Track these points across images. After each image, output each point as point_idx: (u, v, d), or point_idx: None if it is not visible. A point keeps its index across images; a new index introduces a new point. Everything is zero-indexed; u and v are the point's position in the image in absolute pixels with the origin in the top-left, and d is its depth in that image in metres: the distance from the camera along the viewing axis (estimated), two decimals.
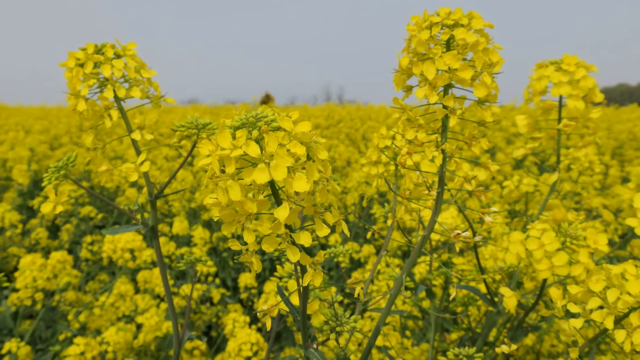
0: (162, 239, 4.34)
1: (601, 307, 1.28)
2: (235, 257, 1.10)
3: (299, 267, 1.10)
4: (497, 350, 1.52)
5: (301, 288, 1.17)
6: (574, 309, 1.32)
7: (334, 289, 2.00)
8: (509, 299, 1.64)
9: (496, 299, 1.94)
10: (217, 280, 4.51)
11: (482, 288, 2.19)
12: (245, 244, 1.01)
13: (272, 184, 1.00)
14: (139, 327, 3.58)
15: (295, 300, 1.34)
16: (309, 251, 1.07)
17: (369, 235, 1.87)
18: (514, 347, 1.50)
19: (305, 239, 1.01)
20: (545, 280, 1.65)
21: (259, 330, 3.83)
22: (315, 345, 1.30)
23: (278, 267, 1.88)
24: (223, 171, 0.93)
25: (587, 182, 2.42)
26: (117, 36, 1.57)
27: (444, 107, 1.33)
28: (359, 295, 1.38)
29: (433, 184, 1.43)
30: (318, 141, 1.01)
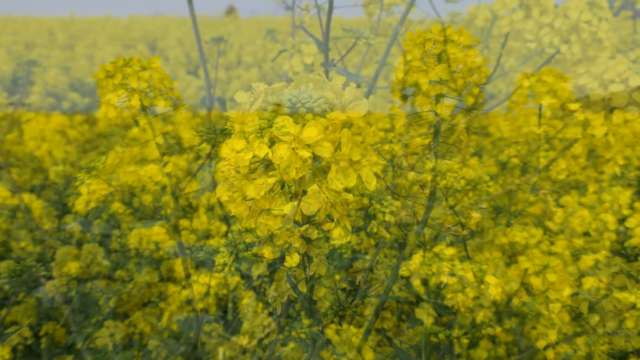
0: (183, 232, 4.34)
1: (577, 294, 1.28)
2: (249, 249, 1.11)
3: (306, 258, 1.11)
4: (484, 332, 1.52)
5: (308, 276, 1.17)
6: (552, 295, 1.32)
7: (337, 277, 2.00)
8: (494, 287, 1.64)
9: (482, 286, 1.93)
10: (233, 269, 4.50)
11: (470, 277, 2.18)
12: (258, 236, 1.02)
13: (282, 183, 1.01)
14: (162, 311, 3.58)
15: (302, 287, 1.34)
16: (315, 243, 1.07)
17: (368, 229, 1.87)
18: (498, 329, 1.50)
19: (311, 233, 1.01)
20: (526, 270, 1.64)
21: (270, 314, 3.83)
22: (320, 328, 1.31)
23: (287, 257, 1.88)
24: (238, 172, 0.94)
25: (565, 181, 2.41)
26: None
27: (436, 114, 1.33)
28: (359, 283, 1.39)
29: (426, 183, 1.43)
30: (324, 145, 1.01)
